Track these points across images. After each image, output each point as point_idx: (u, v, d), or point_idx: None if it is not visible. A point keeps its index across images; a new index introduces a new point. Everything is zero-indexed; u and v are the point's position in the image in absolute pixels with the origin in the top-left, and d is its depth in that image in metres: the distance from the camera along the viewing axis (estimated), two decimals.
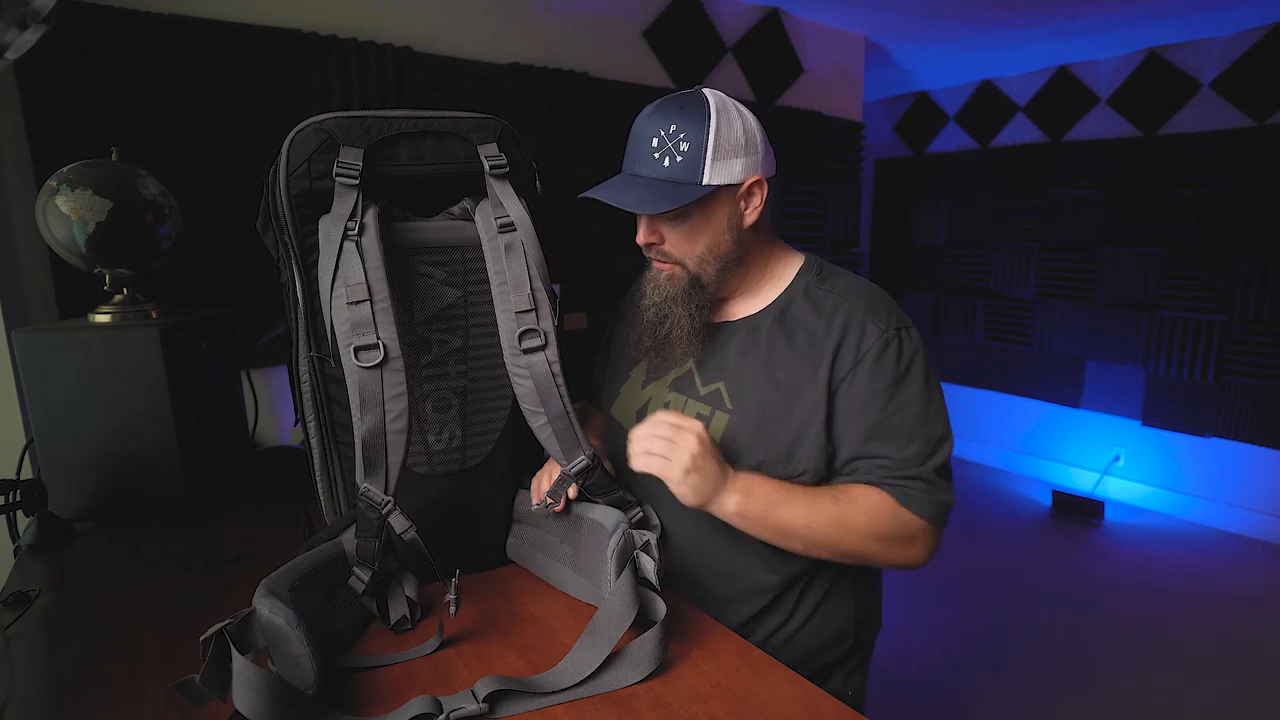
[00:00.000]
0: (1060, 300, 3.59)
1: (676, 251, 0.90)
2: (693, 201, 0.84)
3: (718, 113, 0.84)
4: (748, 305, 0.95)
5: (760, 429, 0.90)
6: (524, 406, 0.84)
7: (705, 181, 0.84)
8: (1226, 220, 3.02)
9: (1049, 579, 2.76)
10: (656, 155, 0.84)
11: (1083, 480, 3.63)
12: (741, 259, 0.92)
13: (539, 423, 0.83)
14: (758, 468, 0.89)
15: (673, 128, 0.84)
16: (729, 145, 0.84)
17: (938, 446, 0.87)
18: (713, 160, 0.84)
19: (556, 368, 0.82)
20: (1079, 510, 3.29)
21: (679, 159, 0.84)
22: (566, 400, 0.83)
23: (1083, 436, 3.64)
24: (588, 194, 0.88)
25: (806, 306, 0.92)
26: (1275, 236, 2.89)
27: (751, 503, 0.82)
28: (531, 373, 0.82)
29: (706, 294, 0.92)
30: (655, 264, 0.93)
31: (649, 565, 0.76)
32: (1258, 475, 3.09)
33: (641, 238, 0.90)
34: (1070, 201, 3.51)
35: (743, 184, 0.87)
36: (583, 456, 0.84)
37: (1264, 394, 2.99)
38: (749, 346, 0.92)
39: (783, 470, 0.89)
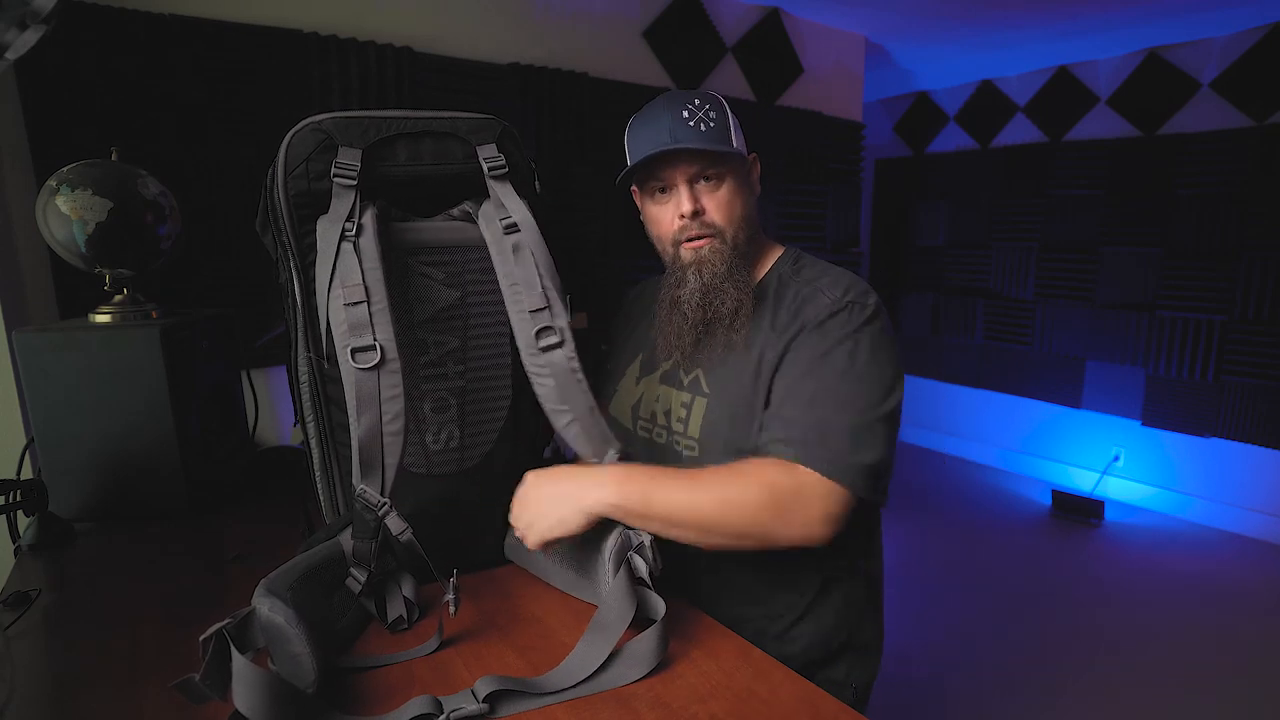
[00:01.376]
0: (1060, 300, 3.59)
1: (719, 218, 0.93)
2: (730, 162, 0.92)
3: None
4: None
5: (735, 412, 0.92)
6: (547, 407, 0.82)
7: (735, 145, 0.91)
8: (1226, 220, 3.01)
9: (1049, 579, 2.76)
10: (691, 123, 0.90)
11: (1083, 480, 3.63)
12: (755, 230, 0.98)
13: (564, 421, 0.81)
14: (735, 455, 0.89)
15: (697, 101, 0.91)
16: (736, 124, 0.94)
17: (858, 415, 0.83)
18: (734, 131, 0.92)
19: (576, 363, 0.81)
20: (1079, 510, 3.29)
21: (711, 125, 0.90)
22: (590, 395, 0.82)
23: (1083, 436, 3.65)
24: (655, 150, 0.88)
25: (780, 294, 0.96)
26: (1275, 236, 2.89)
27: (630, 489, 0.77)
28: (552, 370, 0.80)
29: (747, 265, 0.96)
30: (690, 245, 0.94)
31: (642, 566, 0.76)
32: (1258, 475, 3.09)
33: (687, 206, 0.91)
34: (1070, 201, 3.51)
35: (750, 156, 0.96)
36: (613, 451, 0.82)
37: (1264, 394, 2.99)
38: (732, 333, 0.94)
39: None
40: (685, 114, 0.90)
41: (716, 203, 0.92)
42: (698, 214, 0.92)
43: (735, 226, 0.93)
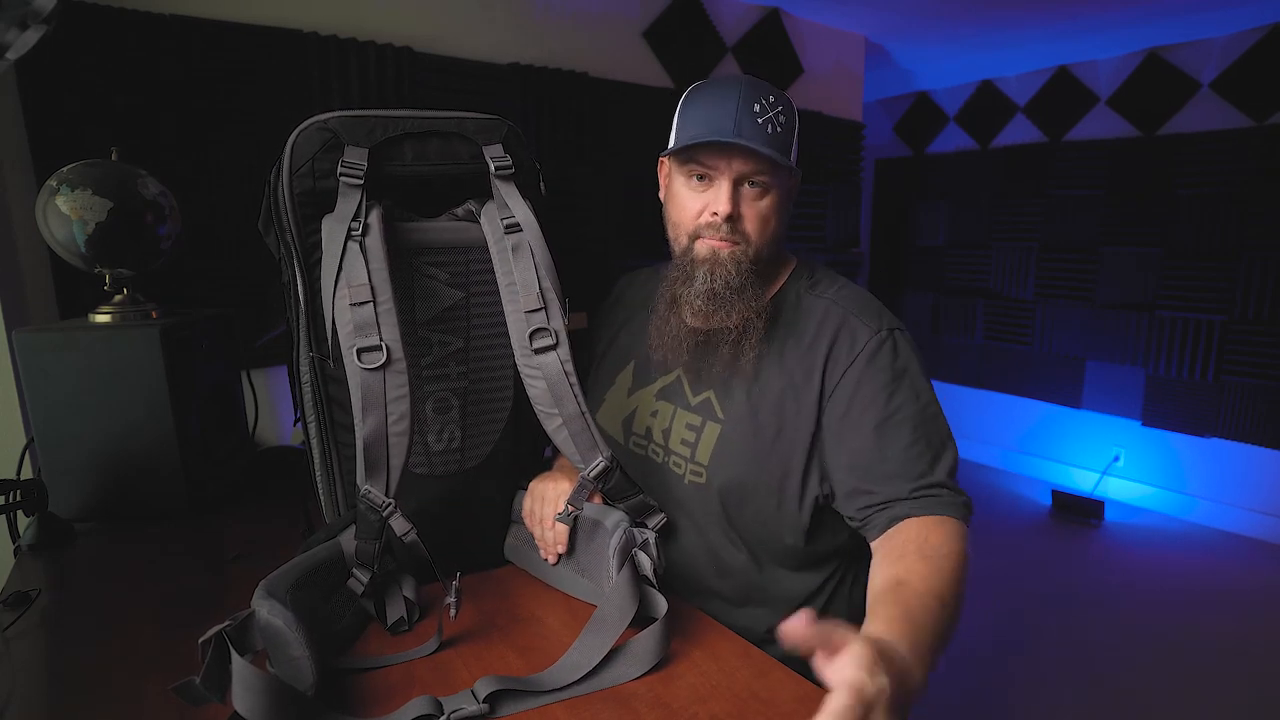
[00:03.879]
0: (1060, 300, 3.59)
1: (752, 229, 0.86)
2: (783, 174, 0.86)
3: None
4: None
5: (753, 442, 0.88)
6: (538, 409, 0.82)
7: (792, 159, 0.85)
8: (1226, 220, 3.01)
9: (1049, 579, 2.75)
10: (760, 121, 0.82)
11: (1083, 480, 3.63)
12: (778, 252, 0.93)
13: (554, 425, 0.81)
14: (753, 487, 0.87)
15: (771, 99, 0.84)
16: (797, 136, 0.87)
17: (942, 449, 0.83)
18: (796, 141, 0.86)
19: (569, 366, 0.80)
20: (1079, 510, 3.29)
21: (779, 130, 0.83)
22: (581, 399, 0.80)
23: (1083, 436, 3.64)
24: (719, 138, 0.81)
25: (798, 314, 0.91)
26: (1275, 236, 2.89)
27: (924, 668, 0.62)
28: (544, 373, 0.80)
29: (762, 285, 0.89)
30: (710, 243, 0.87)
31: (646, 563, 0.76)
32: (1258, 475, 3.09)
33: (724, 207, 0.84)
34: (1070, 201, 3.51)
35: (797, 175, 0.90)
36: (600, 459, 0.81)
37: (1264, 394, 2.99)
38: (739, 354, 0.90)
39: (776, 494, 0.87)
40: (757, 108, 0.82)
41: (755, 213, 0.86)
42: (732, 218, 0.85)
43: (765, 242, 0.87)
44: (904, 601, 0.67)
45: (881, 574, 0.74)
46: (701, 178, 0.87)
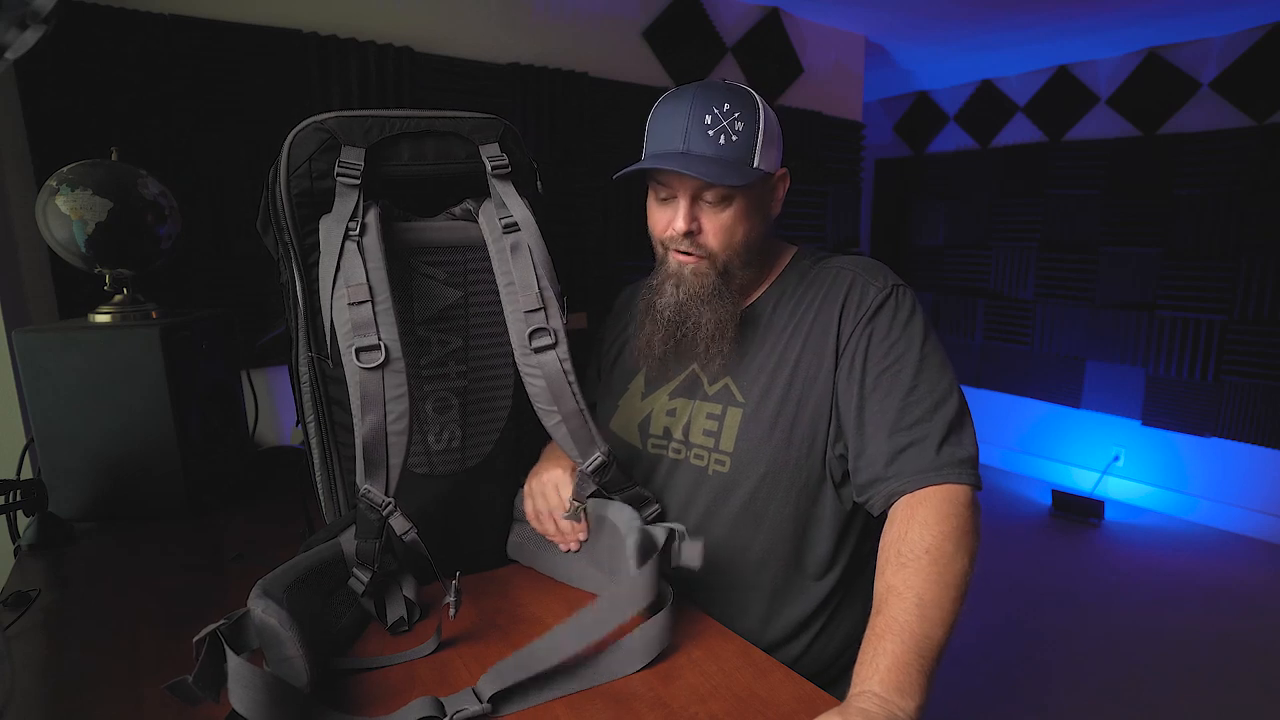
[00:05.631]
0: (1060, 300, 3.59)
1: (714, 241, 0.87)
2: (746, 184, 0.84)
3: (761, 101, 0.86)
4: (746, 297, 0.95)
5: (776, 419, 0.88)
6: (537, 406, 0.83)
7: (755, 165, 0.85)
8: (1226, 220, 3.01)
9: (1049, 579, 2.76)
10: (711, 133, 0.83)
11: (1083, 480, 3.63)
12: (760, 253, 0.92)
13: (553, 421, 0.82)
14: (781, 464, 0.88)
15: (726, 106, 0.84)
16: (771, 133, 0.86)
17: (944, 398, 0.82)
18: (761, 145, 0.85)
19: (568, 365, 0.81)
20: (1079, 510, 3.29)
21: (734, 138, 0.83)
22: (579, 397, 0.81)
23: (1083, 436, 3.64)
24: (646, 165, 0.84)
25: (806, 287, 0.93)
26: (1275, 236, 2.89)
27: (920, 691, 0.64)
28: (544, 372, 0.81)
29: (732, 291, 0.90)
30: (677, 256, 0.89)
31: (696, 551, 0.77)
32: (1258, 475, 3.09)
33: (683, 224, 0.85)
34: (1070, 201, 3.51)
35: (775, 174, 0.89)
36: (598, 453, 0.83)
37: (1264, 394, 2.99)
38: (751, 337, 0.92)
39: (804, 467, 0.88)
40: (708, 119, 0.82)
41: (717, 225, 0.86)
42: (691, 234, 0.86)
43: (730, 252, 0.88)
44: (888, 631, 0.67)
45: (875, 585, 0.75)
46: (665, 198, 0.88)
